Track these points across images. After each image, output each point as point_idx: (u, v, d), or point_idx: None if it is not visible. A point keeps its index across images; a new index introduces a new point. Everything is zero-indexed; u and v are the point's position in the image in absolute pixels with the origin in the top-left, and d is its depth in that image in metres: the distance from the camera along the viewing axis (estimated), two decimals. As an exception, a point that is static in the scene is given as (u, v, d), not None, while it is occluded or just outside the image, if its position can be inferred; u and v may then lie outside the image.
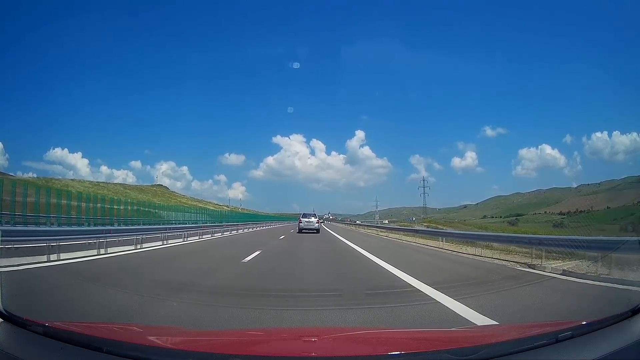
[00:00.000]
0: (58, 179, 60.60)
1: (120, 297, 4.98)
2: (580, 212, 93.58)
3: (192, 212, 37.87)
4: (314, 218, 27.44)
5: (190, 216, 34.05)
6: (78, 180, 68.21)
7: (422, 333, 2.94)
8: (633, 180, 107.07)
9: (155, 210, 30.88)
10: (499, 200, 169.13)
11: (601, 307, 4.88)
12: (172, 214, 31.34)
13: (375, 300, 5.20)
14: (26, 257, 7.98)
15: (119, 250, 10.90)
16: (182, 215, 32.80)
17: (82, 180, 70.06)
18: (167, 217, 29.81)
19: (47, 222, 16.69)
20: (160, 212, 30.67)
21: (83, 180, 70.77)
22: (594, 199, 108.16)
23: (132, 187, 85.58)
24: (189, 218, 32.81)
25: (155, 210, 31.13)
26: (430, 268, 8.99)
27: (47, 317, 2.81)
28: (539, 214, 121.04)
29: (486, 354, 1.54)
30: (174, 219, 29.65)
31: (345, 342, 2.14)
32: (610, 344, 1.65)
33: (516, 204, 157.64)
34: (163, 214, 30.61)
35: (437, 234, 17.75)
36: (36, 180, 47.37)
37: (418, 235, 20.08)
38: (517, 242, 11.16)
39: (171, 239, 15.44)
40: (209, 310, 4.34)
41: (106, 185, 73.38)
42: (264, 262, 9.38)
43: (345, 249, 13.84)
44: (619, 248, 6.89)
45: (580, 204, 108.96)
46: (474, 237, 14.87)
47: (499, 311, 4.31)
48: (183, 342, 2.07)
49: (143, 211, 28.52)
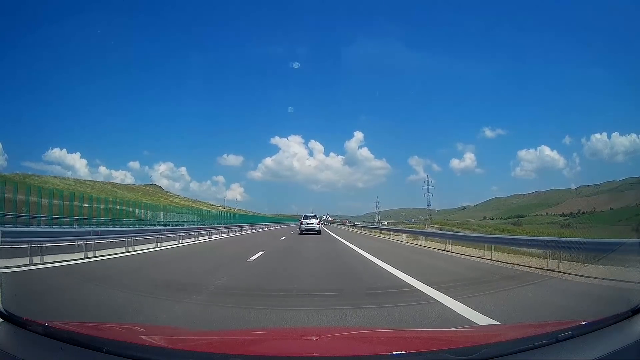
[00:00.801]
0: (38, 176, 56.38)
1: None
2: (583, 213, 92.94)
3: (182, 212, 34.84)
4: (315, 220, 28.76)
5: (178, 217, 31.11)
6: (61, 177, 63.51)
7: (422, 333, 2.94)
8: (634, 181, 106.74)
9: (133, 209, 27.05)
10: (499, 201, 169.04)
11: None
12: (157, 215, 27.74)
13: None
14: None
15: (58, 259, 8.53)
16: (170, 216, 29.88)
17: (65, 178, 65.00)
18: (150, 218, 26.07)
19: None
20: (140, 212, 26.88)
21: (67, 178, 65.67)
22: (594, 200, 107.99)
23: (122, 186, 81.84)
24: (177, 219, 30.00)
25: (134, 209, 27.34)
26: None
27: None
28: (540, 215, 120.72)
29: (486, 354, 1.53)
30: (157, 220, 26.43)
31: (346, 342, 2.14)
32: (610, 344, 1.64)
33: (516, 205, 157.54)
34: (145, 214, 26.63)
35: (480, 241, 13.31)
36: (13, 176, 43.02)
37: (423, 238, 18.56)
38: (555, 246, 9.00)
39: (141, 244, 12.83)
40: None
41: (93, 183, 69.20)
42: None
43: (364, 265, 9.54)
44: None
45: (581, 205, 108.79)
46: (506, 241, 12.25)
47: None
48: (183, 342, 2.07)
49: (115, 210, 24.77)
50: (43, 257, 8.22)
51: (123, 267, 8.61)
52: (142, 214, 26.53)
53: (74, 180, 64.02)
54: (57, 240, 9.37)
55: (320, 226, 29.17)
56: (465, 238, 16.17)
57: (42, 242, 8.52)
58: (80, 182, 65.00)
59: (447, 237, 17.63)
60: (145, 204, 32.62)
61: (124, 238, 11.96)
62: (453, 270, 9.05)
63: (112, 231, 13.07)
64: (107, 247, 11.13)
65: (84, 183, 65.12)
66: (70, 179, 65.54)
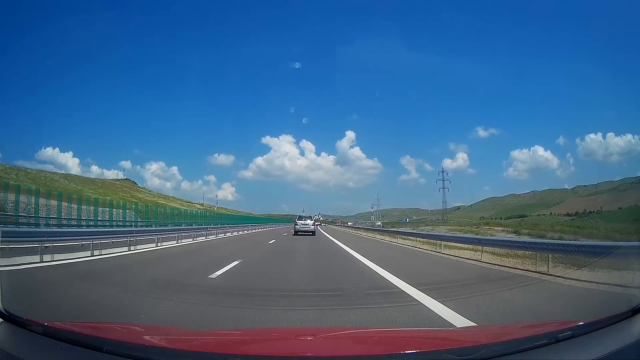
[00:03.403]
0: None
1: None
2: (590, 213, 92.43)
3: (144, 211, 29.03)
4: (309, 220, 28.32)
5: (131, 215, 25.61)
6: (11, 166, 52.86)
7: (422, 333, 2.94)
8: (633, 181, 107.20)
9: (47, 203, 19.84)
10: (494, 201, 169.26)
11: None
12: (95, 211, 21.96)
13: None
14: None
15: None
16: (115, 213, 23.92)
17: (17, 167, 54.32)
18: (86, 216, 20.71)
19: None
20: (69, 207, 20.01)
21: (18, 167, 54.82)
22: (595, 200, 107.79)
23: (83, 179, 72.78)
24: (131, 218, 24.87)
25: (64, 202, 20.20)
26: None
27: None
28: (543, 215, 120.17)
29: (486, 354, 1.54)
30: (90, 219, 20.92)
31: (345, 342, 2.14)
32: (610, 344, 1.65)
33: (512, 205, 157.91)
34: (79, 209, 20.51)
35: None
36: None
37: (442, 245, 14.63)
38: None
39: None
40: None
41: (52, 175, 60.88)
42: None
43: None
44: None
45: (583, 205, 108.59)
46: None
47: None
48: (183, 342, 2.07)
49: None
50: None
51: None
52: (71, 210, 19.90)
53: (24, 171, 54.35)
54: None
55: (315, 227, 28.63)
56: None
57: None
58: (16, 168, 53.76)
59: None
60: (88, 197, 26.36)
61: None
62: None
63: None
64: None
65: (20, 170, 53.81)
66: (22, 168, 55.91)
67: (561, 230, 42.19)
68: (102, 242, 11.01)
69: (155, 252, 12.35)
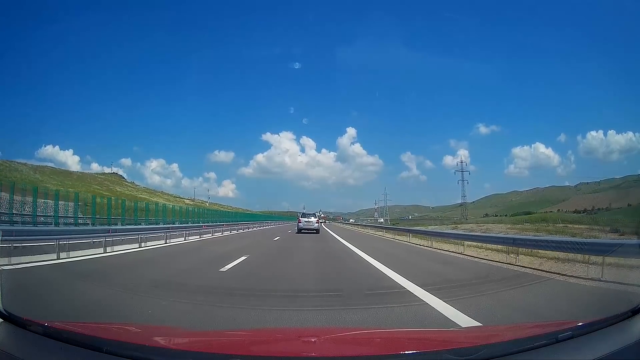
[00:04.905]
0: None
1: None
2: (598, 210, 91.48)
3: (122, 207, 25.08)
4: (313, 218, 26.53)
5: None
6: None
7: (422, 333, 2.94)
8: (636, 178, 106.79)
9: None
10: (496, 198, 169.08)
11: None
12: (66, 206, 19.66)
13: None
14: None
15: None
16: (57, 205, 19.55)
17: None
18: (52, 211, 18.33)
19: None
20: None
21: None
22: (600, 197, 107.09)
23: (58, 171, 69.71)
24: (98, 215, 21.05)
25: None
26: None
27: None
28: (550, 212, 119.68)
29: (486, 354, 1.54)
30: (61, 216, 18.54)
31: (345, 342, 2.14)
32: (610, 344, 1.65)
33: (515, 202, 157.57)
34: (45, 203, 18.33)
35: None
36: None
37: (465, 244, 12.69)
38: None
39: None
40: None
41: (43, 168, 59.00)
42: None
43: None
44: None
45: (587, 202, 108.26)
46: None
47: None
48: (183, 342, 2.07)
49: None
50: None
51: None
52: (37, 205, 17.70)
53: (6, 161, 51.39)
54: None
55: (319, 225, 27.11)
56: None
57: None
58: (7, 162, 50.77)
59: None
60: (46, 189, 23.14)
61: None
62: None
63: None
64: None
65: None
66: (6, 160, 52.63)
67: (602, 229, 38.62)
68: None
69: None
